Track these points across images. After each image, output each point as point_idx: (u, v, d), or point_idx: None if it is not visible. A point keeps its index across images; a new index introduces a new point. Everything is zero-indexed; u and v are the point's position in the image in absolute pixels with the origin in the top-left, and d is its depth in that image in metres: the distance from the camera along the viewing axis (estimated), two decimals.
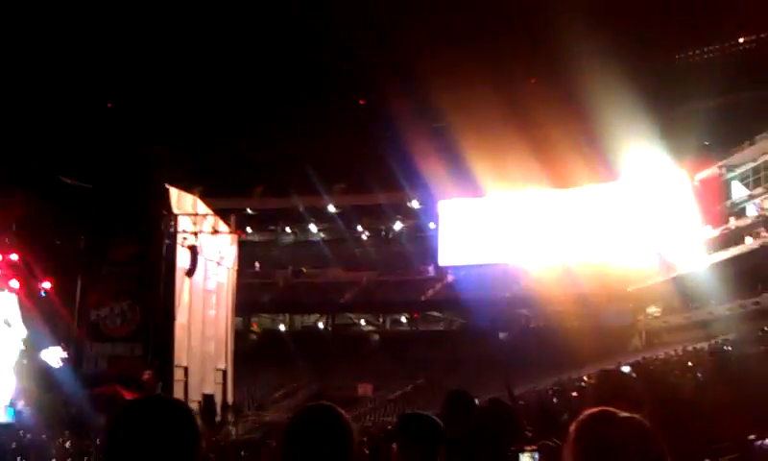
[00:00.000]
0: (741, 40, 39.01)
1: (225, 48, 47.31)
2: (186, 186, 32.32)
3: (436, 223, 51.40)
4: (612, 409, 2.24)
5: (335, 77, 47.68)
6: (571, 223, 45.55)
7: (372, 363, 44.95)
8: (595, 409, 2.27)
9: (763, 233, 36.40)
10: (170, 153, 41.36)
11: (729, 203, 41.04)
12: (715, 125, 38.32)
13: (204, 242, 30.35)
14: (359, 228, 55.29)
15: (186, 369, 29.95)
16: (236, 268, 36.38)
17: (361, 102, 51.74)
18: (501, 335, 45.17)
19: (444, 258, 50.45)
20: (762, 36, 38.31)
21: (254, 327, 53.18)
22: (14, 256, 26.18)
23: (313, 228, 56.40)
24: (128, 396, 24.51)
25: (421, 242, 52.30)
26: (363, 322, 54.73)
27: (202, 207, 32.07)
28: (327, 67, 46.71)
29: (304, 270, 52.65)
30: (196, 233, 29.23)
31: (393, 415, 39.73)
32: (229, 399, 34.76)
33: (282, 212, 54.61)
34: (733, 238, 38.27)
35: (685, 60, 40.77)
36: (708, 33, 38.52)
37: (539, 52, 40.36)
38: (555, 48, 38.52)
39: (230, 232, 33.90)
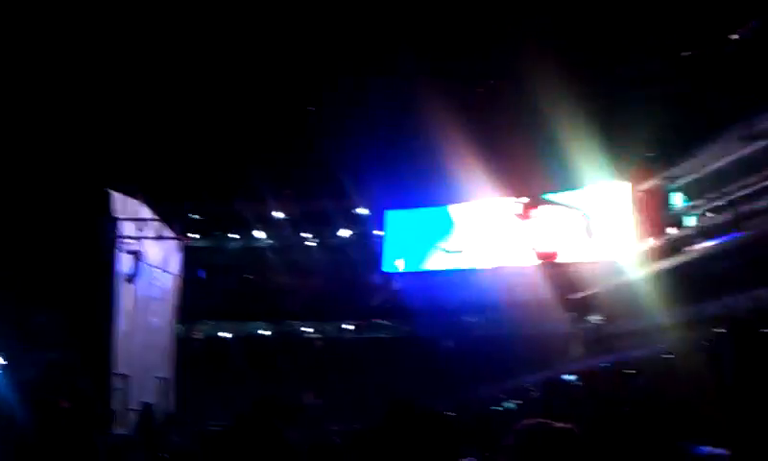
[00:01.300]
0: (684, 54, 39.91)
1: (171, 49, 46.60)
2: (129, 190, 31.65)
3: (382, 230, 51.45)
4: (547, 421, 2.18)
5: (283, 82, 47.34)
6: (515, 231, 45.98)
7: (318, 371, 44.73)
8: (532, 420, 2.21)
9: (701, 243, 37.22)
10: (111, 155, 40.46)
11: (669, 213, 41.94)
12: (658, 137, 39.07)
13: (148, 247, 29.84)
14: (305, 234, 55.02)
15: (126, 377, 29.38)
16: (181, 274, 35.88)
17: (309, 108, 51.42)
18: (445, 343, 45.33)
19: (390, 266, 50.51)
20: (705, 49, 39.28)
21: (198, 335, 52.45)
22: None
23: (259, 234, 55.92)
24: (62, 404, 23.84)
25: (368, 250, 52.28)
26: (309, 329, 54.43)
27: (145, 212, 31.52)
28: (274, 73, 46.34)
29: (250, 277, 52.19)
30: (138, 238, 28.72)
31: (338, 423, 39.55)
32: (171, 408, 34.19)
33: (228, 218, 54.02)
34: (673, 248, 39.08)
35: (628, 72, 41.53)
36: (650, 45, 39.28)
37: (486, 60, 40.63)
38: (501, 58, 38.82)
39: (175, 238, 33.42)
